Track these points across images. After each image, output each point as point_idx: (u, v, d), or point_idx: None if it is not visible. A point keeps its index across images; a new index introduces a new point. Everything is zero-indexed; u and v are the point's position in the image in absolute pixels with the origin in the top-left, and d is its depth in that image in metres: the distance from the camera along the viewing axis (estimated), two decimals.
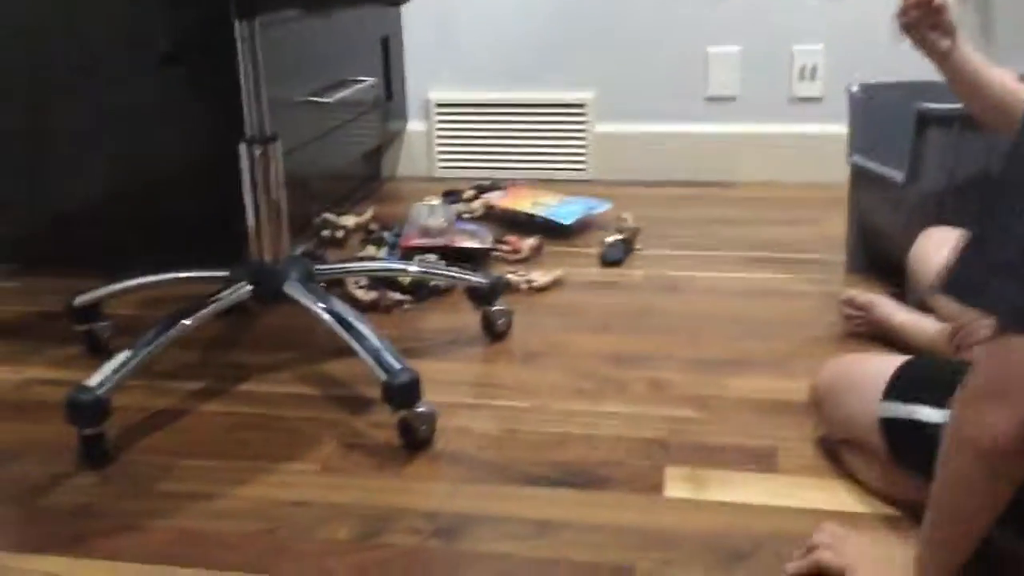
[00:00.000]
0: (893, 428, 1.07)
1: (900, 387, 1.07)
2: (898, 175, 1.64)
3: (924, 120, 1.59)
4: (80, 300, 1.56)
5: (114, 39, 1.81)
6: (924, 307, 1.47)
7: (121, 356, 1.29)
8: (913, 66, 1.52)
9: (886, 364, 1.12)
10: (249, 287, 1.44)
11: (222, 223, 1.68)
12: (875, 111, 1.75)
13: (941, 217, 1.54)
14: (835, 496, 1.15)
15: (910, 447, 1.06)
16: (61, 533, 1.12)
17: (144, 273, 1.58)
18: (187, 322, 1.38)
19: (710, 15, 2.46)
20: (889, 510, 1.11)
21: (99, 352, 1.55)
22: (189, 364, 1.54)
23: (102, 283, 1.57)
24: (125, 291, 1.59)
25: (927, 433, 1.00)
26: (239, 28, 1.38)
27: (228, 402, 1.42)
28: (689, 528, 1.09)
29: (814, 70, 2.45)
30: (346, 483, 1.21)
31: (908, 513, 1.09)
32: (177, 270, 1.58)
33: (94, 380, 1.24)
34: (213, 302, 1.42)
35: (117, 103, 1.84)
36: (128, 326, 1.61)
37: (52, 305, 1.75)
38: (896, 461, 1.09)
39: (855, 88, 1.80)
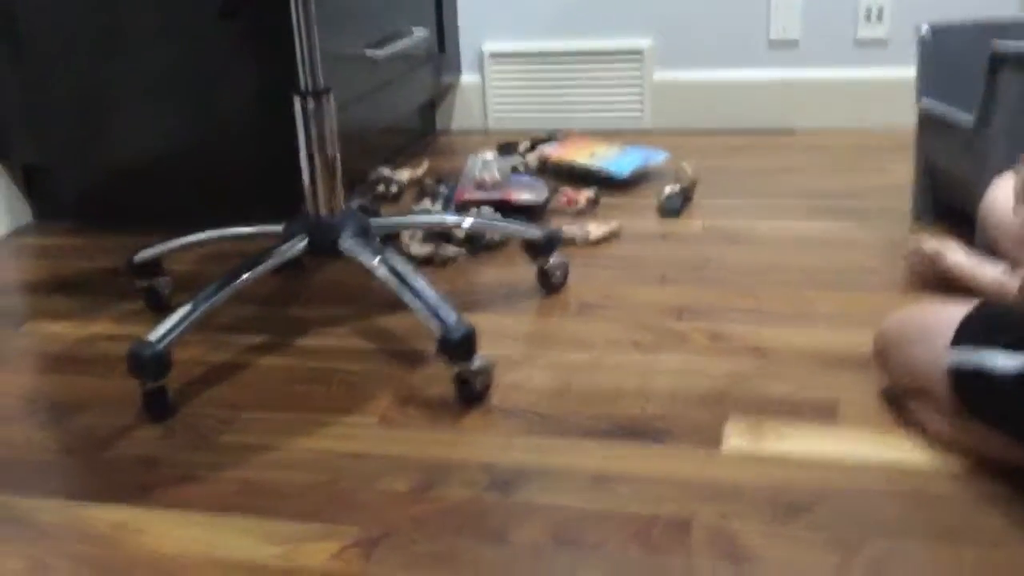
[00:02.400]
0: (963, 376, 1.03)
1: (970, 332, 1.03)
2: (969, 119, 1.59)
3: (998, 61, 1.53)
4: (140, 256, 1.58)
5: None
6: (994, 255, 1.42)
7: (181, 311, 1.31)
8: (984, 6, 1.47)
9: (956, 311, 1.07)
10: (305, 241, 1.45)
11: (278, 178, 1.69)
12: (945, 53, 1.70)
13: (1015, 162, 1.48)
14: (898, 449, 1.12)
15: (981, 396, 1.02)
16: (127, 483, 1.14)
17: (202, 229, 1.59)
18: (245, 277, 1.39)
19: None
20: (957, 465, 1.08)
21: (160, 307, 1.57)
22: (248, 318, 1.55)
23: (161, 240, 1.59)
24: (184, 247, 1.61)
25: (998, 381, 0.97)
26: None
27: (286, 356, 1.44)
28: (748, 481, 1.08)
29: (880, 11, 2.36)
30: (403, 436, 1.21)
31: (977, 467, 1.06)
32: (234, 226, 1.59)
33: (155, 334, 1.26)
34: (270, 257, 1.43)
35: (174, 59, 1.84)
36: (187, 282, 1.63)
37: (113, 262, 1.78)
38: (966, 411, 1.05)
39: (924, 29, 1.74)
